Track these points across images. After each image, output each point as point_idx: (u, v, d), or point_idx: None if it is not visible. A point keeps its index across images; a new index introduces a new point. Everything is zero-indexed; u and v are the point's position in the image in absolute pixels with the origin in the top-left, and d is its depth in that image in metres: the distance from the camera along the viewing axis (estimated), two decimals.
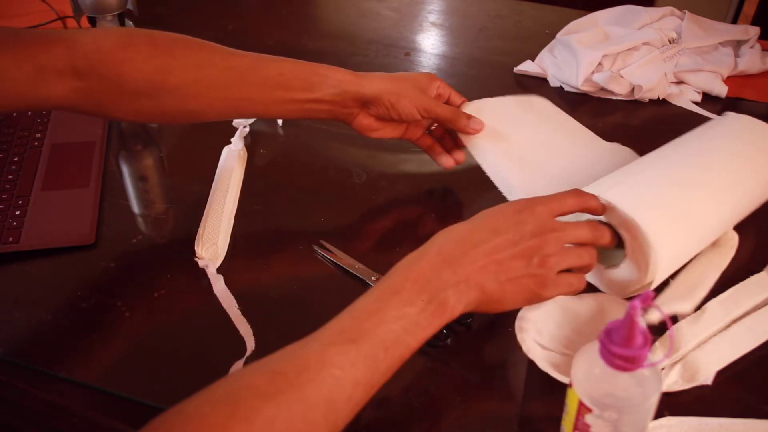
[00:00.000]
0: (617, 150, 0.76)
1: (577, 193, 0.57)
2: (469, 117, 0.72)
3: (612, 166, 0.66)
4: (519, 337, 0.58)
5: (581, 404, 0.44)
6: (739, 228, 0.69)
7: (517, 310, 0.61)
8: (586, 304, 0.60)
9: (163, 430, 0.40)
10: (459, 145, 0.76)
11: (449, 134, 0.77)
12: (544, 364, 0.55)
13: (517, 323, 0.59)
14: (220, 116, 0.69)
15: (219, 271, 0.66)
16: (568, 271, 0.55)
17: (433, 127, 0.77)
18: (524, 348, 0.57)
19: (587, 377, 0.44)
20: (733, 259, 0.67)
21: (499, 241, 0.52)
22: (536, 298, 0.54)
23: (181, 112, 0.66)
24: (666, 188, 0.60)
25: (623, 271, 0.59)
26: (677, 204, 0.59)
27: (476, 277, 0.51)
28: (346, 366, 0.44)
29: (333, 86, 0.67)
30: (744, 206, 0.66)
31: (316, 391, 0.43)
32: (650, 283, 0.58)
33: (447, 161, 0.75)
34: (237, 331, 0.60)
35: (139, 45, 0.63)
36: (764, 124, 0.69)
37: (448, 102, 0.75)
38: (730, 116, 0.71)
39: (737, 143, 0.67)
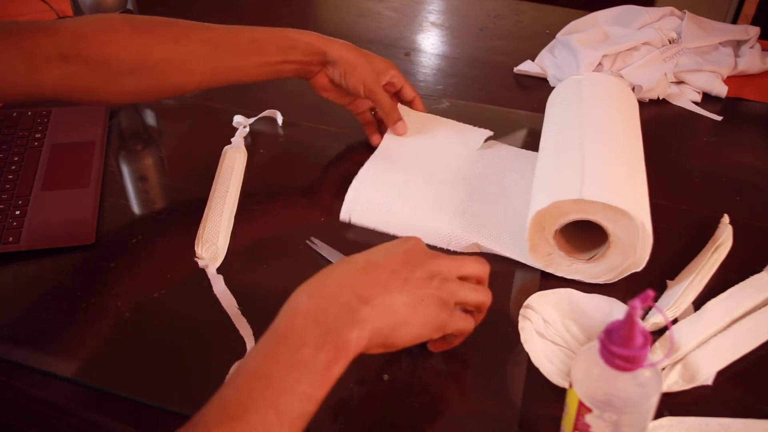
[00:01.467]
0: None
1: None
2: (399, 119, 0.79)
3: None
4: (520, 324, 0.58)
5: (581, 404, 0.44)
6: (739, 228, 0.70)
7: (517, 310, 0.61)
8: (594, 303, 0.60)
9: None
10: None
11: (378, 123, 0.83)
12: (539, 358, 0.56)
13: (522, 311, 0.59)
14: (201, 86, 0.73)
15: (219, 271, 0.66)
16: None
17: (377, 109, 0.81)
18: (522, 336, 0.57)
19: (587, 377, 0.44)
20: (733, 259, 0.67)
21: (397, 260, 0.49)
22: (442, 323, 0.50)
23: (164, 87, 0.70)
24: (614, 168, 0.62)
25: (608, 258, 0.62)
26: (628, 179, 0.62)
27: (381, 297, 0.46)
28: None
29: (302, 49, 0.73)
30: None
31: None
32: (637, 261, 0.61)
33: (375, 140, 0.81)
34: (237, 331, 0.60)
35: (119, 27, 0.66)
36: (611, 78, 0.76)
37: (400, 93, 0.81)
38: (577, 80, 0.76)
39: (608, 101, 0.72)
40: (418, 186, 0.74)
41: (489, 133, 0.83)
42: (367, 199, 0.72)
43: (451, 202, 0.72)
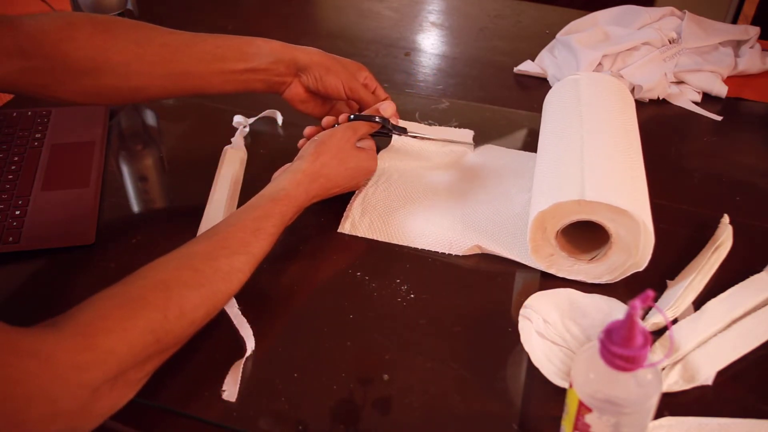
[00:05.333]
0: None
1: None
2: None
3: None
4: (520, 324, 0.58)
5: (581, 404, 0.44)
6: (739, 228, 0.70)
7: (517, 310, 0.61)
8: (594, 303, 0.60)
9: (112, 306, 0.49)
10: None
11: None
12: (539, 358, 0.56)
13: (522, 311, 0.59)
14: (162, 93, 0.72)
15: None
16: None
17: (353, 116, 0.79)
18: (522, 337, 0.57)
19: (587, 377, 0.44)
20: (734, 259, 0.67)
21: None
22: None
23: (122, 89, 0.69)
24: (614, 168, 0.62)
25: (609, 258, 0.62)
26: (628, 179, 0.62)
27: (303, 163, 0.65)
28: (246, 270, 0.58)
29: (267, 55, 0.72)
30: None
31: (225, 288, 0.56)
32: (639, 261, 0.61)
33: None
34: (237, 331, 0.60)
35: (80, 25, 0.66)
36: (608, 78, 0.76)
37: (373, 94, 0.79)
38: (575, 80, 0.76)
39: (605, 101, 0.72)
40: (417, 193, 0.74)
41: (471, 132, 0.83)
42: (367, 211, 0.72)
43: (450, 206, 0.72)
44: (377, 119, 0.73)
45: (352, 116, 0.72)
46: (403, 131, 0.77)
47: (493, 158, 0.80)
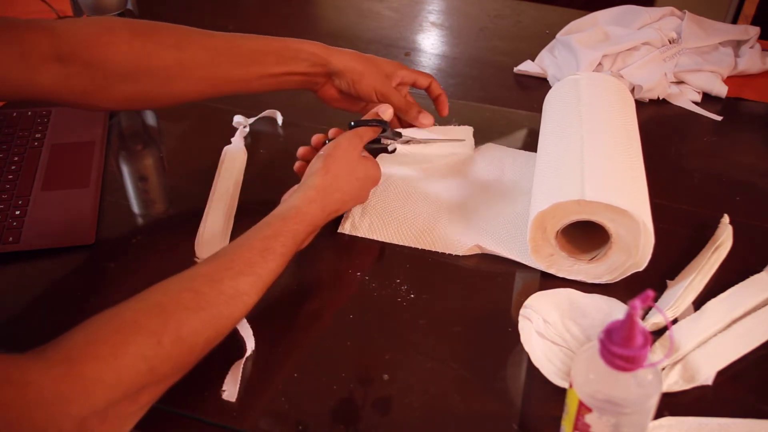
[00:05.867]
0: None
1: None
2: (420, 111, 0.76)
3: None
4: (520, 324, 0.58)
5: (581, 404, 0.44)
6: (739, 228, 0.69)
7: (517, 310, 0.61)
8: (594, 303, 0.60)
9: (102, 331, 0.46)
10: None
11: (400, 122, 0.80)
12: (539, 358, 0.56)
13: (522, 311, 0.59)
14: (201, 96, 0.71)
15: None
16: None
17: (353, 123, 0.78)
18: (522, 337, 0.57)
19: (587, 377, 0.44)
20: (734, 259, 0.67)
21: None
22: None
23: (162, 94, 0.68)
24: (613, 168, 0.62)
25: (610, 258, 0.62)
26: (628, 179, 0.62)
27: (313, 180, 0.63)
28: (252, 293, 0.54)
29: (305, 59, 0.72)
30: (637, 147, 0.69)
31: (229, 312, 0.52)
32: (639, 261, 0.61)
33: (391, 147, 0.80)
34: (237, 331, 0.60)
35: (119, 30, 0.65)
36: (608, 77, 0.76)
37: (414, 86, 0.79)
38: (574, 80, 0.76)
39: (605, 101, 0.72)
40: (417, 194, 0.74)
41: (471, 128, 0.83)
42: (367, 212, 0.72)
43: (450, 207, 0.72)
44: (376, 122, 0.72)
45: (352, 123, 0.71)
46: (398, 136, 0.76)
47: (494, 158, 0.80)
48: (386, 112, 0.73)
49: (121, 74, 0.65)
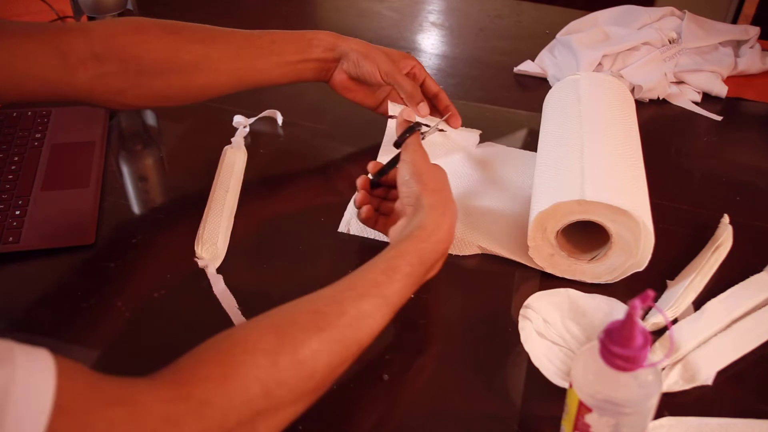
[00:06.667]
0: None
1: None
2: (422, 100, 0.75)
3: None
4: (520, 324, 0.58)
5: (581, 404, 0.44)
6: (739, 228, 0.70)
7: (517, 310, 0.61)
8: (594, 303, 0.60)
9: (213, 352, 0.44)
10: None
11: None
12: (539, 358, 0.56)
13: (522, 311, 0.59)
14: (224, 90, 0.74)
15: (219, 271, 0.66)
16: None
17: (398, 92, 0.78)
18: (522, 336, 0.57)
19: (587, 377, 0.44)
20: (734, 259, 0.67)
21: None
22: None
23: (190, 89, 0.71)
24: (613, 168, 0.62)
25: (610, 258, 0.62)
26: (628, 179, 0.62)
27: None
28: (378, 317, 0.50)
29: (317, 45, 0.75)
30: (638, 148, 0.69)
31: (353, 335, 0.48)
32: (639, 261, 0.61)
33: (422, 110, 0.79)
34: None
35: (149, 27, 0.68)
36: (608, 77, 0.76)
37: (423, 86, 0.78)
38: (573, 80, 0.76)
39: (605, 101, 0.72)
40: None
41: (478, 132, 0.83)
42: None
43: None
44: (408, 132, 0.68)
45: (407, 129, 0.68)
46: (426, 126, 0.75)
47: (494, 158, 0.80)
48: (422, 109, 0.75)
49: (154, 71, 0.67)
